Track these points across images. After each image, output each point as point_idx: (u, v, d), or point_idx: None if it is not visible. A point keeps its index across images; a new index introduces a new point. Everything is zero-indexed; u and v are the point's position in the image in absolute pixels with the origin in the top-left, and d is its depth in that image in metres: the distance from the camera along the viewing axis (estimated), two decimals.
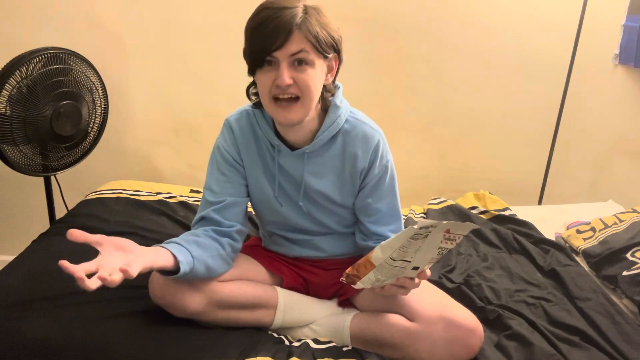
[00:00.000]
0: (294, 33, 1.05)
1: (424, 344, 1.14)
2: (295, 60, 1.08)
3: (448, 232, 0.94)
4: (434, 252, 0.98)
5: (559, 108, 2.26)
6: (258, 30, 1.06)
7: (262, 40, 1.06)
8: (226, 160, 1.25)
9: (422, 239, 0.94)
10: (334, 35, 1.11)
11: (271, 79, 1.09)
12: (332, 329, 1.24)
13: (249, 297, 1.22)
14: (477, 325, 1.16)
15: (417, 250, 0.96)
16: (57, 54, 1.63)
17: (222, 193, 1.23)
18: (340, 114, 1.21)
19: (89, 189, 1.85)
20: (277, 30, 1.04)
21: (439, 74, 2.22)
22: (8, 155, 1.59)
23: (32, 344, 1.09)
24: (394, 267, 1.00)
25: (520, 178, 2.40)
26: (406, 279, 1.06)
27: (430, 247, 0.97)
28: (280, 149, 1.22)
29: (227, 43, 2.05)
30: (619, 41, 2.12)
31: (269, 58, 1.07)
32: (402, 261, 0.98)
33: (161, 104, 2.15)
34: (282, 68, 1.07)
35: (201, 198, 1.26)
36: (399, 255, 0.97)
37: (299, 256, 1.34)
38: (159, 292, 1.14)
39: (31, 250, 1.45)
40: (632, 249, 1.54)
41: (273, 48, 1.05)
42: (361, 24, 2.10)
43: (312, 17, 1.08)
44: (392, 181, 1.27)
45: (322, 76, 1.13)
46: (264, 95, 1.12)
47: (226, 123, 1.27)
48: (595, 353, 1.19)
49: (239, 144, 1.24)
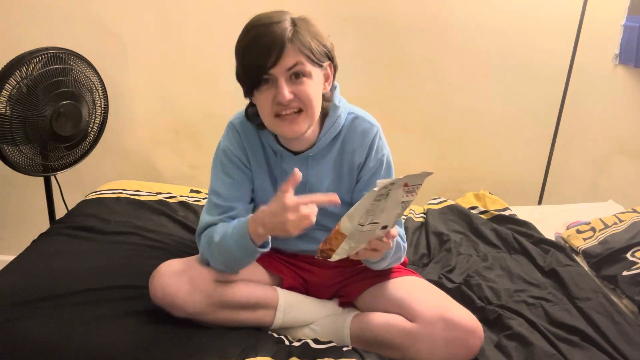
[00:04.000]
0: (287, 47, 1.05)
1: (424, 345, 1.14)
2: (292, 74, 1.07)
3: (407, 186, 0.95)
4: (398, 207, 0.99)
5: (559, 108, 2.26)
6: (249, 49, 1.06)
7: (256, 59, 1.05)
8: (233, 163, 1.23)
9: (385, 199, 0.95)
10: (326, 44, 1.12)
11: (270, 96, 1.08)
12: (332, 329, 1.24)
13: (249, 298, 1.22)
14: (477, 325, 1.16)
15: (383, 210, 0.97)
16: (57, 54, 1.63)
17: (230, 197, 1.22)
18: (340, 114, 1.21)
19: (89, 189, 1.85)
20: (270, 46, 1.04)
21: (439, 74, 2.22)
22: (8, 155, 1.59)
23: (32, 343, 1.09)
24: (364, 231, 1.00)
25: (520, 178, 2.40)
26: (377, 241, 1.06)
27: (393, 204, 0.97)
28: (282, 155, 1.22)
29: (227, 43, 2.03)
30: (619, 41, 2.12)
31: (266, 76, 1.07)
32: (370, 224, 0.99)
33: (161, 104, 2.15)
34: (280, 84, 1.06)
35: (207, 202, 1.25)
36: (366, 220, 0.97)
37: (298, 250, 1.34)
38: (160, 292, 1.14)
39: (31, 250, 1.45)
40: (632, 249, 1.54)
41: (268, 65, 1.05)
42: (361, 24, 2.10)
43: (302, 28, 1.07)
44: (389, 176, 1.27)
45: (320, 85, 1.14)
46: (266, 114, 1.12)
47: (230, 125, 1.25)
48: (595, 353, 1.19)
49: (246, 145, 1.24)
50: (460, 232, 1.77)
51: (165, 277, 1.14)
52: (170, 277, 1.14)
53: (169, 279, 1.13)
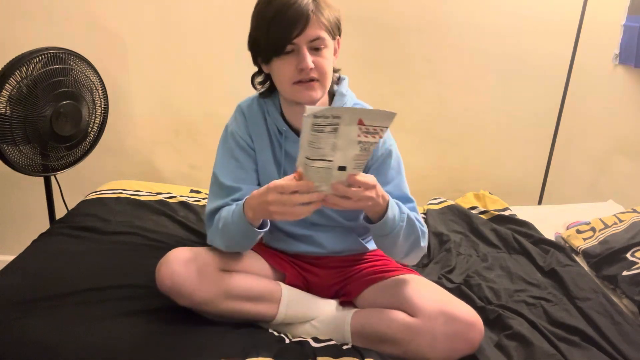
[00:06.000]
0: (311, 19, 1.11)
1: (425, 339, 1.14)
2: (313, 45, 1.13)
3: (363, 124, 0.93)
4: (355, 147, 0.95)
5: (559, 108, 2.27)
6: (275, 19, 1.10)
7: (282, 28, 1.10)
8: (239, 145, 1.27)
9: (332, 133, 0.92)
10: (338, 17, 1.18)
11: (292, 64, 1.13)
12: (333, 326, 1.24)
13: (254, 289, 1.23)
14: (477, 319, 1.17)
15: (335, 148, 0.94)
16: (57, 54, 1.63)
17: (236, 179, 1.25)
18: (346, 102, 1.25)
19: (89, 189, 1.85)
20: (296, 17, 1.09)
21: (439, 74, 2.22)
22: (8, 155, 1.59)
23: (32, 343, 1.09)
24: (318, 168, 0.97)
25: (520, 178, 2.40)
26: (342, 186, 1.01)
27: (348, 143, 0.94)
28: (287, 135, 1.25)
29: (227, 43, 2.05)
30: (619, 41, 2.12)
31: (290, 46, 1.11)
32: (322, 160, 0.96)
33: (161, 104, 2.15)
34: (304, 53, 1.12)
35: (212, 184, 1.27)
36: (314, 153, 0.94)
37: (299, 252, 1.35)
38: (168, 280, 1.14)
39: (31, 250, 1.45)
40: (632, 249, 1.54)
41: (294, 35, 1.10)
42: (361, 23, 2.10)
43: (320, 1, 1.13)
44: (399, 166, 1.30)
45: (332, 57, 1.19)
46: (285, 81, 1.16)
47: (238, 109, 1.30)
48: (595, 353, 1.19)
49: (251, 129, 1.28)
50: (460, 232, 1.77)
51: (175, 265, 1.14)
52: (179, 265, 1.14)
53: (178, 267, 1.14)
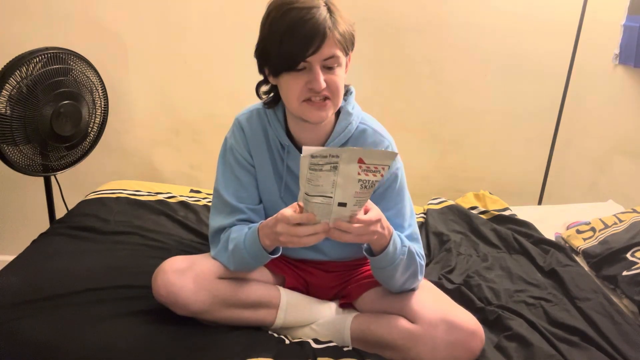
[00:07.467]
0: (328, 37, 1.04)
1: (425, 347, 1.13)
2: (326, 63, 1.07)
3: (363, 163, 0.91)
4: (356, 185, 0.94)
5: (559, 108, 2.26)
6: (289, 33, 1.03)
7: (295, 45, 1.03)
8: (239, 163, 1.24)
9: (331, 171, 0.91)
10: (352, 31, 1.11)
11: (303, 81, 1.07)
12: (333, 330, 1.24)
13: (251, 296, 1.22)
14: (478, 328, 1.16)
15: (335, 185, 0.94)
16: (57, 54, 1.63)
17: (238, 199, 1.23)
18: (352, 121, 1.20)
19: (89, 189, 1.85)
20: (312, 35, 1.02)
21: (439, 74, 2.22)
22: (8, 155, 1.59)
23: (32, 344, 1.09)
24: (317, 204, 0.97)
25: (520, 178, 2.40)
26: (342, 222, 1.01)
27: (348, 180, 0.93)
28: (289, 150, 1.21)
29: (227, 43, 2.05)
30: (619, 41, 2.12)
31: (303, 63, 1.05)
32: (321, 197, 0.96)
33: (161, 104, 2.15)
34: (316, 72, 1.06)
35: (214, 201, 1.25)
36: (313, 190, 0.94)
37: (300, 258, 1.34)
38: (163, 290, 1.13)
39: (31, 250, 1.45)
40: (632, 249, 1.54)
41: (308, 54, 1.03)
42: (361, 24, 2.07)
43: (336, 15, 1.07)
44: (401, 190, 1.25)
45: (344, 73, 1.14)
46: (293, 98, 1.10)
47: (236, 122, 1.25)
48: (595, 353, 1.19)
49: (250, 144, 1.24)
50: (460, 232, 1.77)
51: (169, 275, 1.13)
52: (174, 275, 1.13)
53: (173, 277, 1.13)
